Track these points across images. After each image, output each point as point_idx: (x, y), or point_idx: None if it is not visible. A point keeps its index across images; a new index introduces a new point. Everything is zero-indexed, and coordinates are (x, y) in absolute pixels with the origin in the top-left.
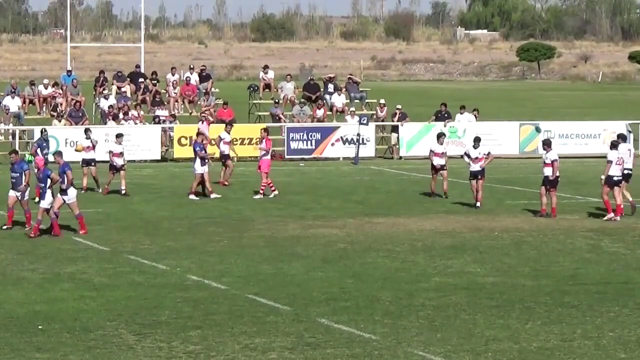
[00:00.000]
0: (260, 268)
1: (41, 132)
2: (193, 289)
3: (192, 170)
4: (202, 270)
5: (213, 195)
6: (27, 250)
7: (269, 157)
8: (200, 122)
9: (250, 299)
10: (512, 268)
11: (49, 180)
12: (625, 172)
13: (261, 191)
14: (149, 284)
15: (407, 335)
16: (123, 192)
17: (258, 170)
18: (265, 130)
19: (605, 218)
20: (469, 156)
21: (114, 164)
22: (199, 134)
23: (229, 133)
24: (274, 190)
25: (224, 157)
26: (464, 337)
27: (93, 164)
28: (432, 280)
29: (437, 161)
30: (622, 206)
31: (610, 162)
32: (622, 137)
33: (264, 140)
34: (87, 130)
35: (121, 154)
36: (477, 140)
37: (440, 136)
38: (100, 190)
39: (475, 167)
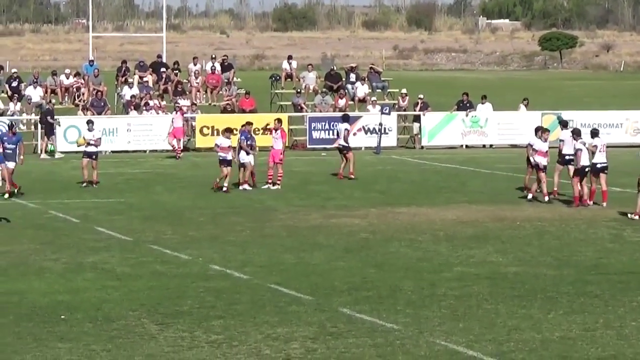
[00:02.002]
0: (283, 258)
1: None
2: (215, 278)
3: (238, 160)
4: (225, 260)
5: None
6: (50, 240)
7: (281, 147)
8: (175, 112)
9: (272, 289)
10: (534, 258)
11: None
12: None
13: (278, 181)
14: (172, 273)
15: (429, 325)
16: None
17: (272, 161)
18: (279, 120)
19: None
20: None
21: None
22: (247, 123)
23: (229, 139)
24: (269, 183)
25: (224, 164)
26: (486, 326)
27: (94, 156)
28: (454, 270)
29: (542, 161)
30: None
31: (595, 147)
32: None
33: (278, 131)
34: (90, 122)
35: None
36: (595, 132)
37: (545, 131)
38: (85, 185)
39: (601, 158)
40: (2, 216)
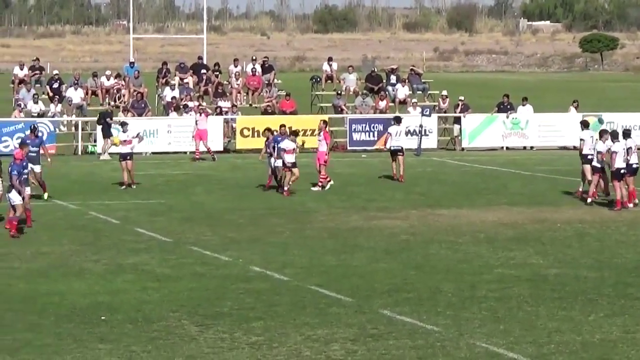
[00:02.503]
0: (323, 259)
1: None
2: (255, 280)
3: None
4: (265, 262)
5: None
6: (90, 241)
7: (325, 149)
8: (199, 114)
9: (312, 291)
10: (574, 260)
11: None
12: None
13: (319, 183)
14: (212, 275)
15: (469, 327)
16: (126, 186)
17: (317, 163)
18: (325, 122)
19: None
20: None
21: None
22: (281, 126)
23: (294, 142)
24: (328, 181)
25: (287, 166)
26: (527, 328)
27: (129, 157)
28: (494, 272)
29: (600, 164)
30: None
31: (615, 153)
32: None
33: (321, 132)
34: (124, 124)
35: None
36: (615, 135)
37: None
38: (124, 187)
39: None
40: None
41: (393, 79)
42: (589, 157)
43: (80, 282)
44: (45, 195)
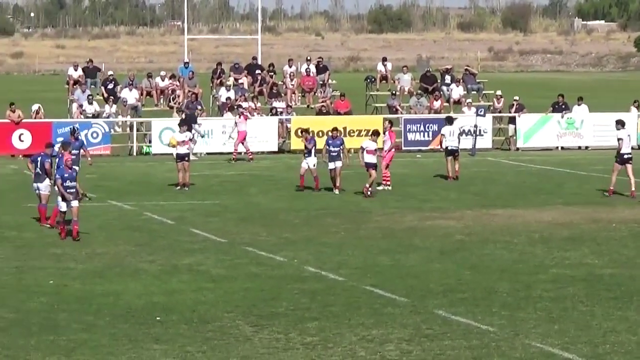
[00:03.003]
0: (378, 259)
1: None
2: (310, 280)
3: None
4: (320, 262)
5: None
6: (145, 242)
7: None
8: (238, 116)
9: (367, 291)
10: (630, 260)
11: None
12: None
13: (383, 182)
14: (267, 275)
15: (524, 327)
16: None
17: (383, 163)
18: (390, 122)
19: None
20: None
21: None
22: (333, 129)
23: (375, 142)
24: (387, 184)
25: (368, 166)
26: (582, 328)
27: (187, 158)
28: (549, 272)
29: None
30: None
31: (621, 139)
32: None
33: (386, 132)
34: (182, 124)
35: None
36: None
37: None
38: (179, 188)
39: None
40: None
41: (447, 79)
42: (625, 156)
43: (135, 283)
44: (87, 197)
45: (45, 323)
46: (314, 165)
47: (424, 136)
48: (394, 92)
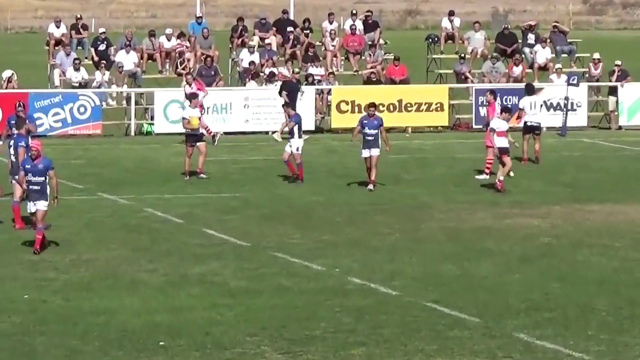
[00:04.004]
0: (441, 268)
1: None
2: (355, 294)
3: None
4: (367, 271)
5: None
6: (145, 245)
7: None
8: (187, 85)
9: (428, 308)
10: None
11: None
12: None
13: (487, 171)
14: (300, 288)
15: (629, 355)
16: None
17: (487, 145)
18: (492, 92)
19: None
20: None
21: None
22: (369, 105)
23: (507, 120)
24: (488, 172)
25: (501, 152)
26: None
27: (202, 138)
28: None
29: None
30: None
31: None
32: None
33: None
34: (193, 97)
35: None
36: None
37: None
38: (188, 178)
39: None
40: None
41: (531, 38)
42: None
43: (132, 298)
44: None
45: (18, 349)
46: (298, 150)
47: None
48: (462, 55)
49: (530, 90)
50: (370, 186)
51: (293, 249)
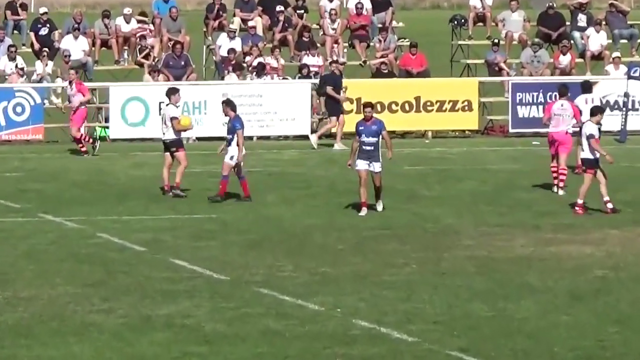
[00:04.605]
0: (470, 308)
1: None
2: (362, 341)
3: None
4: (377, 312)
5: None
6: (99, 279)
7: (563, 128)
8: (69, 85)
9: (453, 358)
10: None
11: None
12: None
13: (561, 183)
14: (292, 333)
15: None
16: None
17: (554, 148)
18: (565, 87)
19: None
20: None
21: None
22: (365, 105)
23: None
24: (562, 185)
25: (591, 166)
26: None
27: (181, 146)
28: None
29: None
30: None
31: None
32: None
33: (569, 104)
34: (172, 92)
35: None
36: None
37: None
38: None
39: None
40: None
41: (582, 20)
42: None
43: (83, 345)
44: None
45: None
46: (235, 159)
47: (543, 111)
48: (496, 40)
49: (586, 88)
50: (379, 207)
51: (284, 283)
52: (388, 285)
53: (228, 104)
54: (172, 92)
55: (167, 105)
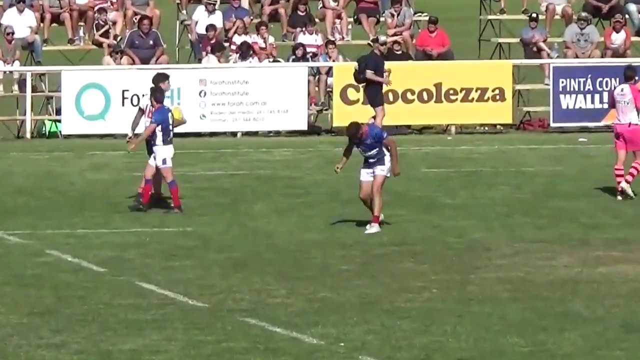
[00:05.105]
0: (502, 342)
1: None
2: None
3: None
4: (389, 347)
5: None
6: (48, 307)
7: (632, 118)
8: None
9: None
10: None
11: None
12: None
13: (629, 177)
14: None
15: None
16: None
17: (620, 144)
18: (631, 69)
19: None
20: None
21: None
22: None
23: None
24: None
25: None
26: None
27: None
28: None
29: None
30: None
31: None
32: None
33: (629, 89)
34: (162, 78)
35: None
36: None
37: None
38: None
39: None
40: None
41: None
42: None
43: None
44: None
45: None
46: (165, 162)
47: (592, 101)
48: (534, 15)
49: (631, 74)
50: (371, 227)
51: (275, 312)
52: (402, 314)
53: (152, 93)
54: (160, 79)
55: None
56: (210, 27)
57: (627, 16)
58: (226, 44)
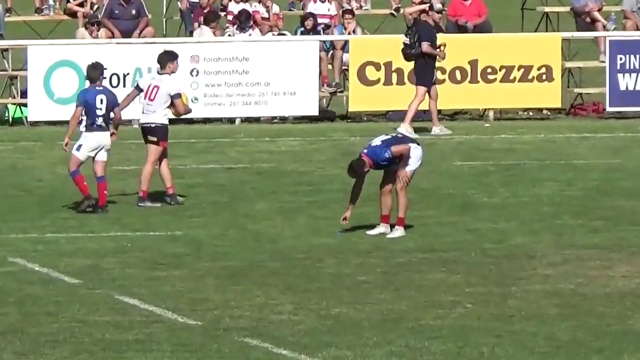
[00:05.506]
0: None
1: None
2: None
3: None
4: None
5: None
6: (14, 325)
7: None
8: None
9: None
10: None
11: None
12: None
13: None
14: None
15: None
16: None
17: None
18: None
19: None
20: None
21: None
22: None
23: None
24: None
25: None
26: None
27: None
28: None
29: None
30: None
31: None
32: None
33: None
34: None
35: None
36: None
37: None
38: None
39: None
40: None
41: None
42: None
43: None
44: None
45: None
46: (77, 149)
47: None
48: None
49: None
50: (395, 231)
51: (280, 331)
52: (431, 333)
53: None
54: (168, 58)
55: (160, 75)
56: None
57: None
58: (222, 14)
